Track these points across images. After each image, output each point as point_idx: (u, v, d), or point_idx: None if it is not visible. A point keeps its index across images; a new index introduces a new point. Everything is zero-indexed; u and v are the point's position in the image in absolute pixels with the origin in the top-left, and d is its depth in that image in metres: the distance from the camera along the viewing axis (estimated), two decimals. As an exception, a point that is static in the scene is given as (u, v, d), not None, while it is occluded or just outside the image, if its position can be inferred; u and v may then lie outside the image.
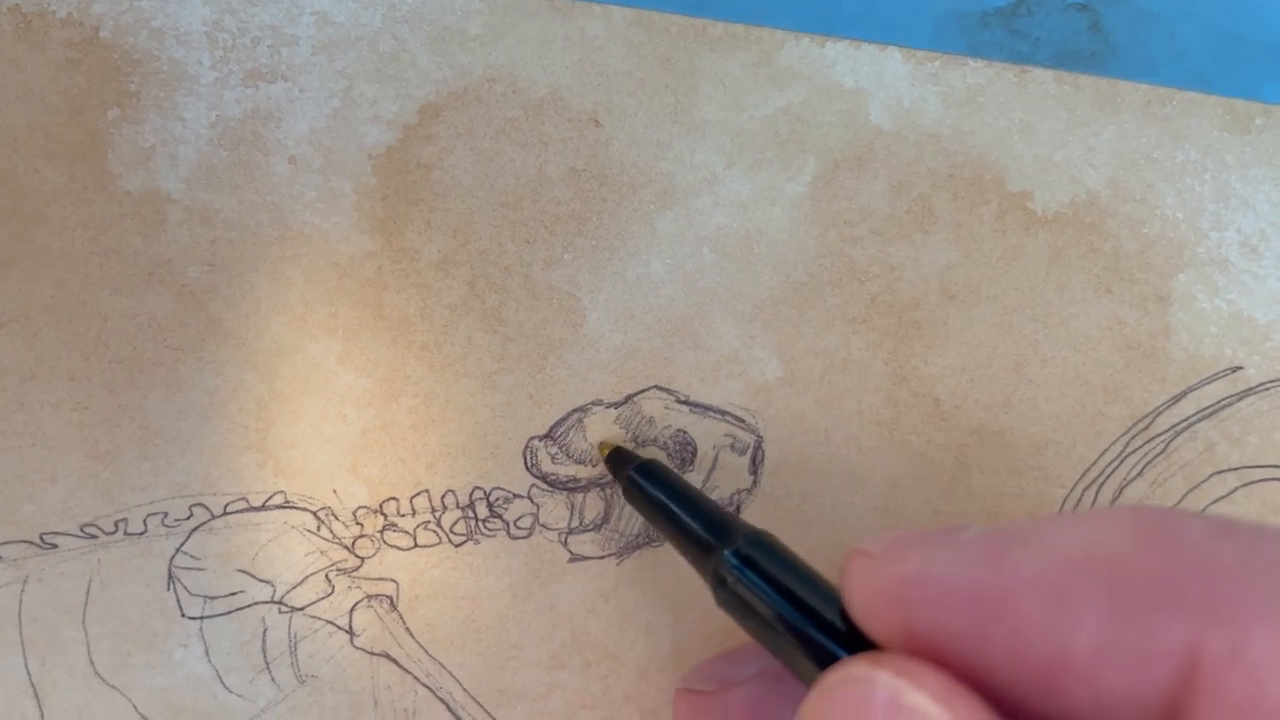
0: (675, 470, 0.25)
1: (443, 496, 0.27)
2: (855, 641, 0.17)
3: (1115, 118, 0.28)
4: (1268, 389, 0.28)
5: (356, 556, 0.27)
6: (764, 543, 0.20)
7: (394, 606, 0.27)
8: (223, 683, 0.27)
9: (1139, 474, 0.28)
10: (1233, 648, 0.13)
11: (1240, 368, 0.28)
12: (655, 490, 0.24)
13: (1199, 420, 0.28)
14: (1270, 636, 0.13)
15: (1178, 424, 0.28)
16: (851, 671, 0.15)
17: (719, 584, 0.20)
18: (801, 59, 0.28)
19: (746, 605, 0.19)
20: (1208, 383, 0.28)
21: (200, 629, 0.27)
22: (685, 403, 0.28)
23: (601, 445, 0.27)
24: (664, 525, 0.23)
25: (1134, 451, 0.28)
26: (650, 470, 0.25)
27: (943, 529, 0.16)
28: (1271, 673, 0.13)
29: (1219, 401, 0.28)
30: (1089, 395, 0.28)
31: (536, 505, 0.27)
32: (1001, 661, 0.14)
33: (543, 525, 0.27)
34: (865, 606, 0.16)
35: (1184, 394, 0.28)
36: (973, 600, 0.15)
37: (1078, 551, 0.14)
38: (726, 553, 0.20)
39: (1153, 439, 0.28)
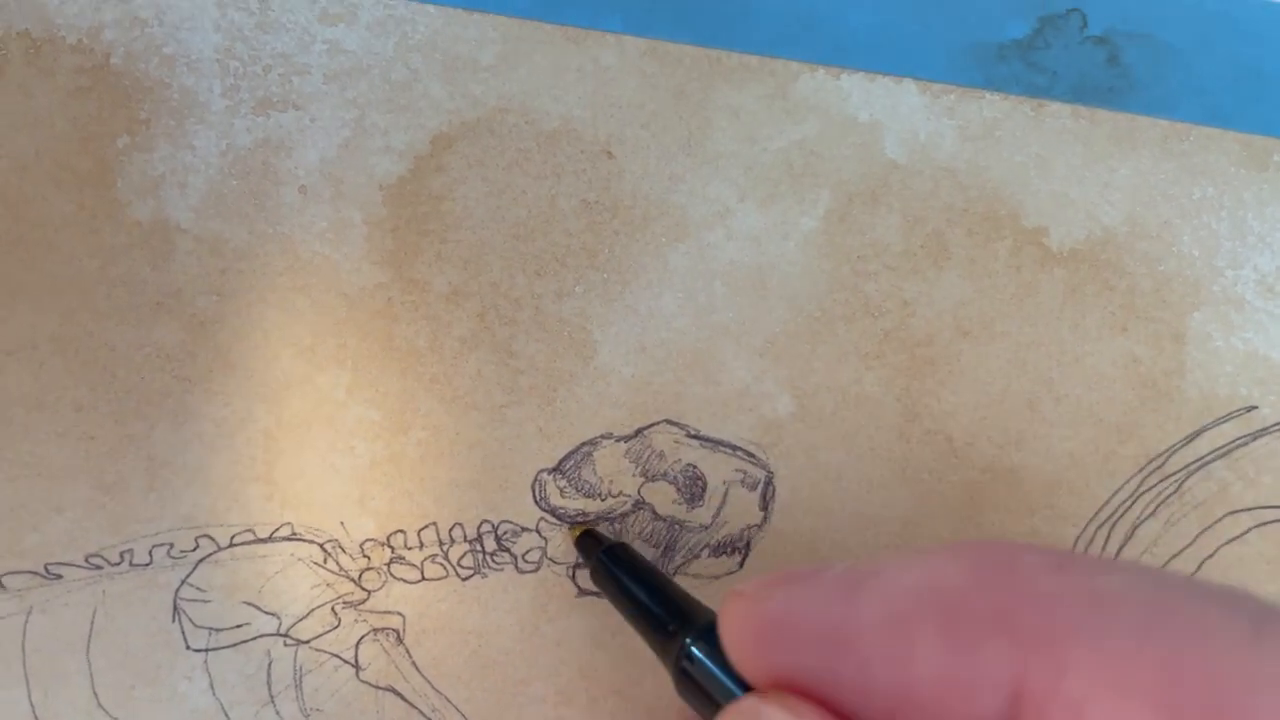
0: (639, 555, 0.26)
1: (450, 529, 0.27)
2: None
3: (1132, 153, 0.28)
4: (1282, 428, 0.28)
5: (363, 589, 0.27)
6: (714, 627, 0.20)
7: (400, 640, 0.27)
8: (227, 716, 0.27)
9: (1152, 513, 0.28)
10: (1053, 676, 0.13)
11: (1255, 407, 0.28)
12: (621, 573, 0.24)
13: (1213, 460, 0.28)
14: (1089, 664, 0.13)
15: (1191, 463, 0.28)
16: (743, 704, 0.16)
17: (680, 672, 0.20)
18: (816, 91, 0.28)
19: (702, 691, 0.19)
20: (1222, 422, 0.28)
21: (205, 661, 0.27)
22: (696, 437, 0.27)
23: (572, 529, 0.27)
24: (627, 608, 0.24)
25: (1147, 491, 0.28)
26: (617, 554, 0.25)
27: (812, 567, 0.17)
28: (1089, 700, 0.13)
29: (1233, 441, 0.28)
30: (1103, 434, 0.28)
31: (545, 539, 0.27)
32: (854, 695, 0.15)
33: (551, 559, 0.27)
34: (737, 646, 0.17)
35: (1198, 433, 0.28)
36: (824, 636, 0.15)
37: (919, 585, 0.15)
38: (687, 641, 0.20)
39: (1166, 478, 0.28)
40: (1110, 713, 0.13)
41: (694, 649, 0.19)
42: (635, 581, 0.24)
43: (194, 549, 0.27)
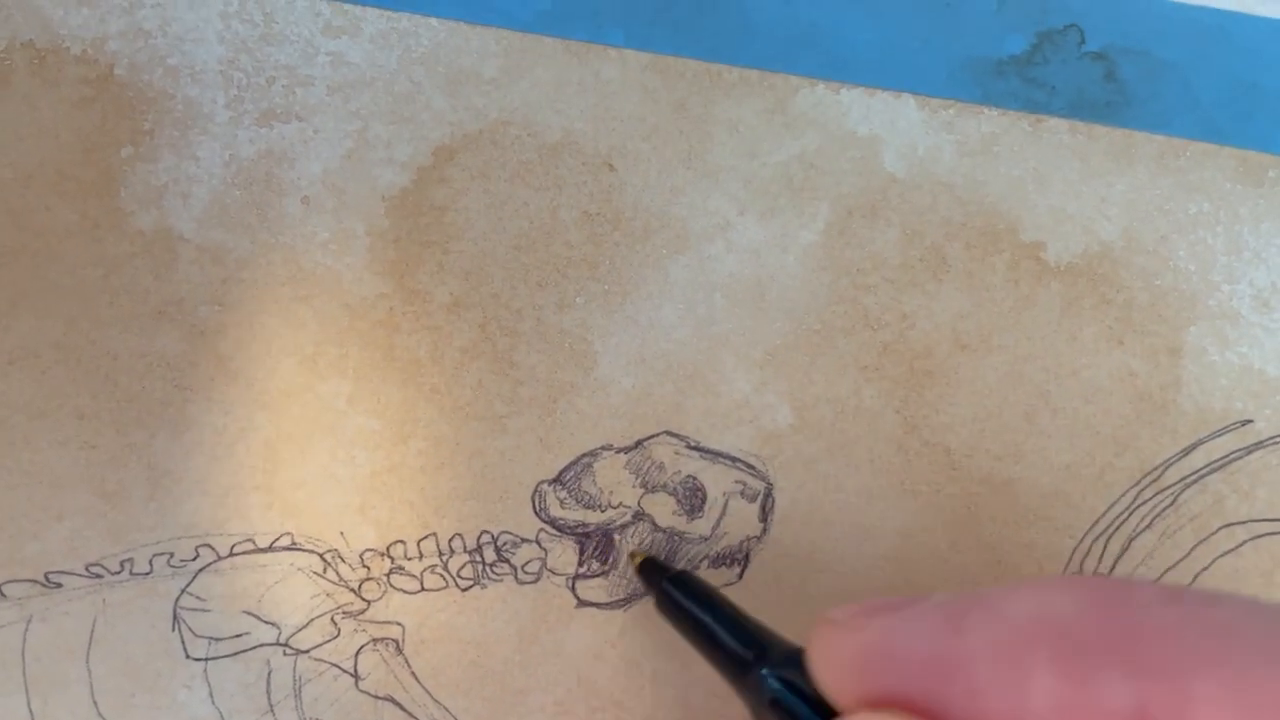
0: (704, 582, 0.25)
1: (450, 540, 0.27)
2: None
3: (1129, 169, 0.28)
4: (1277, 443, 0.28)
5: (363, 599, 0.27)
6: (803, 661, 0.20)
7: (400, 650, 0.27)
8: (226, 725, 0.27)
9: (1148, 526, 0.28)
10: (1176, 705, 0.13)
11: (1250, 421, 0.28)
12: (690, 603, 0.24)
13: (1208, 473, 0.28)
14: (1210, 693, 0.13)
15: (1187, 476, 0.28)
16: (860, 717, 0.16)
17: (767, 704, 0.20)
18: (816, 106, 0.28)
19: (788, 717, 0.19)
20: (1217, 436, 0.28)
21: (205, 670, 0.27)
22: (696, 448, 0.28)
23: (632, 554, 0.27)
24: (699, 640, 0.23)
25: (1143, 503, 0.28)
26: (684, 581, 0.25)
27: (906, 597, 0.17)
28: None
29: (1228, 455, 0.28)
30: (1099, 446, 0.28)
31: (544, 550, 0.27)
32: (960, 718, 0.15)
33: (550, 570, 0.27)
34: (831, 674, 0.17)
35: (1194, 446, 0.28)
36: (931, 664, 0.15)
37: (1031, 616, 0.15)
38: (764, 672, 0.20)
39: (1162, 491, 0.28)
40: None
41: (779, 679, 0.19)
42: (706, 611, 0.23)
43: (194, 558, 0.27)
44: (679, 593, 0.24)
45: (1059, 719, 0.14)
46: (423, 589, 0.27)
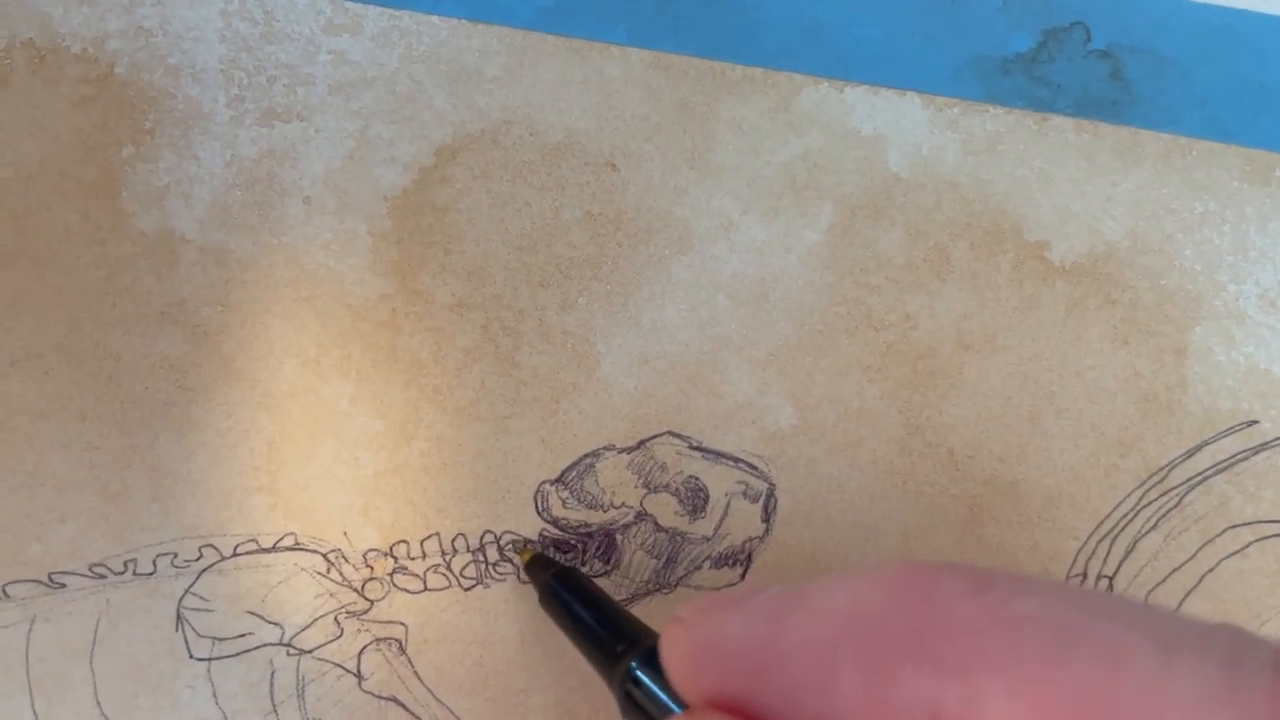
0: (588, 579, 0.26)
1: (453, 540, 0.27)
2: None
3: (1135, 168, 0.28)
4: (1283, 442, 0.28)
5: (366, 599, 0.27)
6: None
7: (403, 650, 0.27)
8: (230, 725, 0.27)
9: (1153, 527, 0.28)
10: (968, 705, 0.13)
11: (1256, 421, 0.28)
12: (570, 598, 0.25)
13: (1214, 474, 0.28)
14: (1001, 694, 0.13)
15: (1193, 477, 0.28)
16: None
17: (623, 694, 0.20)
18: (820, 104, 0.28)
19: (643, 712, 0.20)
20: (1223, 436, 0.28)
21: (208, 670, 0.27)
22: (698, 449, 0.28)
23: (522, 550, 0.27)
24: (574, 632, 0.24)
25: (1148, 505, 0.28)
26: (567, 578, 0.25)
27: (746, 590, 0.17)
28: None
29: (1234, 455, 0.28)
30: (1104, 447, 0.28)
31: (547, 550, 0.27)
32: (781, 711, 0.15)
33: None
34: (675, 669, 0.17)
35: (1199, 447, 0.28)
36: (753, 661, 0.15)
37: (842, 610, 0.15)
38: (632, 664, 0.20)
39: (1167, 492, 0.28)
40: None
41: (638, 671, 0.20)
42: (583, 605, 0.24)
43: (197, 558, 0.27)
44: (560, 587, 0.25)
45: (864, 716, 0.14)
46: (426, 589, 0.27)
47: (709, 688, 0.16)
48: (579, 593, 0.25)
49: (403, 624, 0.27)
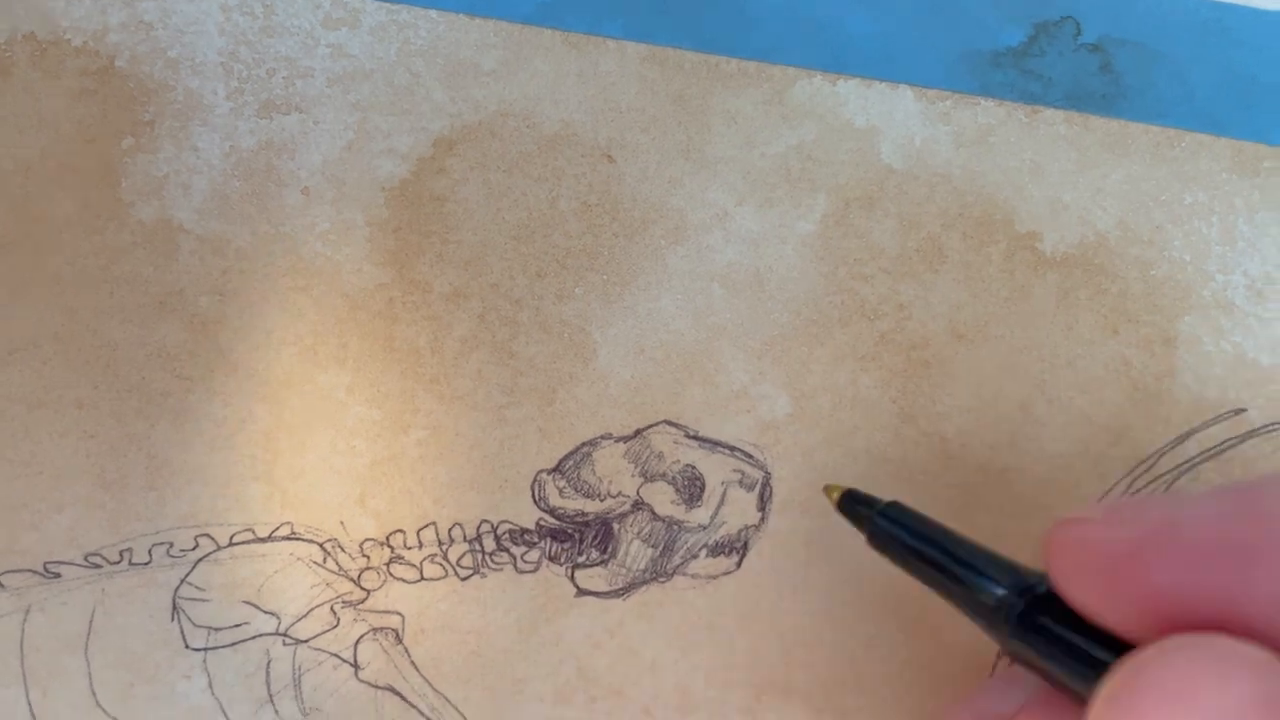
0: (915, 511, 0.23)
1: (450, 529, 0.27)
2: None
3: (1124, 159, 0.29)
4: (1270, 431, 0.28)
5: (362, 589, 0.27)
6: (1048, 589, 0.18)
7: (399, 640, 0.27)
8: (226, 715, 0.27)
9: (1144, 515, 0.28)
10: None
11: (1243, 410, 0.28)
12: (909, 537, 0.22)
13: (1202, 462, 0.28)
14: None
15: (1181, 465, 0.28)
16: (1169, 644, 0.13)
17: (1026, 639, 0.18)
18: (813, 97, 0.28)
19: (1049, 644, 0.17)
20: (1211, 425, 0.28)
21: (204, 660, 0.27)
22: (694, 438, 0.28)
23: (828, 489, 0.24)
24: (927, 574, 0.21)
25: (1137, 492, 0.28)
26: (895, 515, 0.23)
27: (1157, 495, 0.15)
28: None
29: (1222, 444, 0.28)
30: (1094, 436, 0.28)
31: (544, 539, 0.27)
32: (1268, 609, 0.13)
33: (550, 559, 0.27)
34: (1093, 574, 0.15)
35: (1187, 435, 0.28)
36: (1231, 549, 0.13)
37: None
38: (1017, 604, 0.18)
39: (1156, 479, 0.28)
40: None
41: (1031, 609, 0.18)
42: (928, 543, 0.22)
43: (193, 548, 0.27)
44: (894, 528, 0.22)
45: None
46: (422, 578, 0.27)
47: (1157, 585, 0.13)
48: (917, 530, 0.22)
49: (399, 613, 0.27)
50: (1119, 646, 0.15)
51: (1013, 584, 0.19)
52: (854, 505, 0.23)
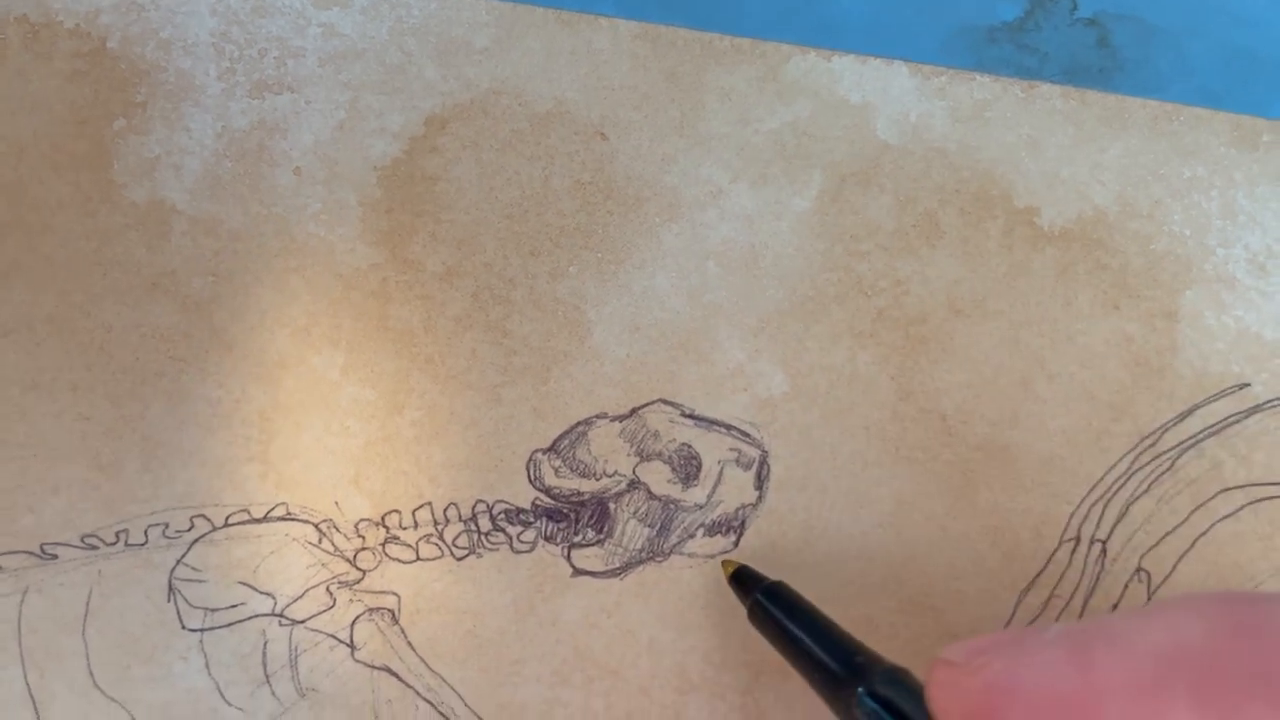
0: (797, 593, 0.25)
1: (445, 509, 0.27)
2: None
3: (1123, 133, 0.28)
4: (1275, 406, 0.28)
5: (358, 569, 0.27)
6: (900, 681, 0.20)
7: (395, 620, 0.27)
8: (223, 696, 0.27)
9: (1145, 491, 0.28)
10: None
11: (1247, 385, 0.28)
12: (783, 616, 0.24)
13: (1206, 437, 0.28)
14: None
15: (1184, 441, 0.28)
16: None
17: None
18: (808, 73, 0.28)
19: None
20: (1214, 400, 0.28)
21: (201, 641, 0.27)
22: (690, 416, 0.28)
23: (725, 563, 0.26)
24: (792, 653, 0.23)
25: (1141, 469, 0.28)
26: (777, 593, 0.25)
27: (1021, 630, 0.16)
28: None
29: (1226, 419, 0.28)
30: (1096, 411, 0.28)
31: (540, 518, 0.27)
32: None
33: (546, 539, 0.27)
34: (951, 717, 0.16)
35: (1191, 411, 0.28)
36: (1062, 705, 0.15)
37: (1163, 647, 0.14)
38: (861, 691, 0.20)
39: (1159, 456, 0.28)
40: None
41: (873, 699, 0.20)
42: (798, 624, 0.23)
43: (189, 529, 0.27)
44: (772, 605, 0.24)
45: None
46: (418, 558, 0.27)
47: None
48: (792, 611, 0.24)
49: (395, 594, 0.27)
50: None
51: (864, 677, 0.21)
52: (741, 581, 0.26)
